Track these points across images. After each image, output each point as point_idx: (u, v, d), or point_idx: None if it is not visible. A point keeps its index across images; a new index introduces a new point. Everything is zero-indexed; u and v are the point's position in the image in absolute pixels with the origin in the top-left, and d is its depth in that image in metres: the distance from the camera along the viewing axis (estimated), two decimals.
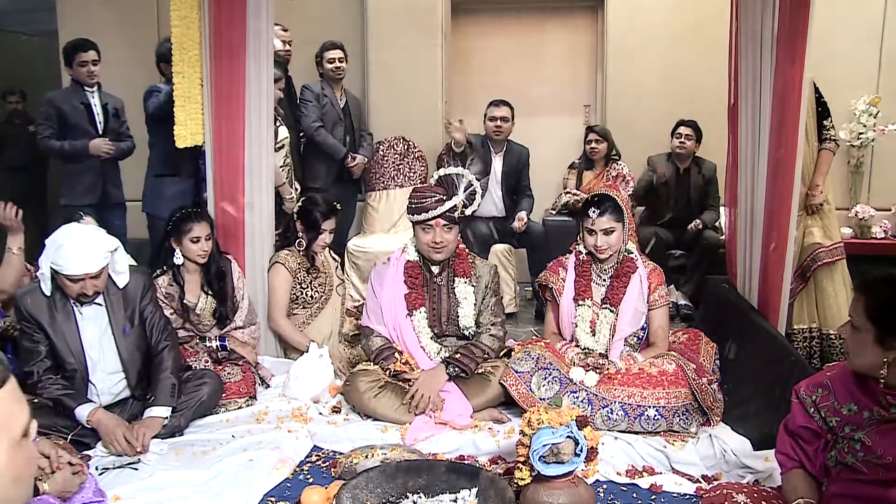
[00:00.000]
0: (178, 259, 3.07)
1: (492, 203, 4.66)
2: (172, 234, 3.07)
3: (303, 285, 3.40)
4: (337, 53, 4.65)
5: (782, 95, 2.99)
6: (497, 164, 4.63)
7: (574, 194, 4.75)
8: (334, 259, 3.67)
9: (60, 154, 4.22)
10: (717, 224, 4.62)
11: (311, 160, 4.65)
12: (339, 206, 3.56)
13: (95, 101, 4.22)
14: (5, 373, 1.00)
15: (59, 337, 2.54)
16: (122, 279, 2.65)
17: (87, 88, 4.19)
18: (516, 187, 4.69)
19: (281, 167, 3.97)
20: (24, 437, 1.00)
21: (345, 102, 4.78)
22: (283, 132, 4.05)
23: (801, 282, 3.63)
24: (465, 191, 2.89)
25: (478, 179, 2.92)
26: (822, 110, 3.65)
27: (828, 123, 3.66)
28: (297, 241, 3.43)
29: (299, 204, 3.52)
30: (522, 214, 4.57)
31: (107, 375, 2.62)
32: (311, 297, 3.42)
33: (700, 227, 4.49)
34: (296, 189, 4.24)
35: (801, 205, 3.44)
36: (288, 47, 4.50)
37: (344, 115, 4.75)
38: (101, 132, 4.22)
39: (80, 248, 2.44)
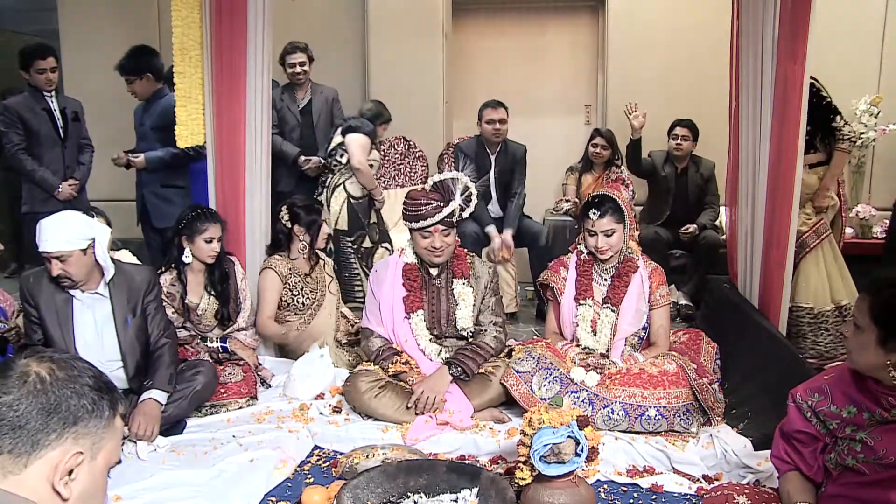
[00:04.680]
0: (188, 258, 3.06)
1: (490, 203, 4.63)
2: (184, 233, 3.06)
3: (294, 291, 3.35)
4: (298, 57, 4.46)
5: (783, 94, 2.98)
6: (493, 164, 4.57)
7: (573, 203, 4.74)
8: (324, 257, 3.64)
9: (29, 177, 4.10)
10: (716, 223, 4.62)
11: (274, 164, 4.49)
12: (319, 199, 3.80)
13: (55, 106, 4.16)
14: (126, 409, 1.09)
15: (50, 317, 2.57)
16: (108, 272, 2.62)
17: (45, 93, 4.12)
18: (510, 187, 4.58)
19: None
20: (106, 472, 1.10)
21: (306, 103, 4.60)
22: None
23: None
24: (461, 195, 2.85)
25: (473, 182, 2.90)
26: (821, 114, 3.50)
27: (839, 122, 3.52)
28: (300, 244, 3.38)
29: (286, 214, 3.43)
30: (508, 237, 4.38)
31: (104, 364, 2.59)
32: (303, 304, 3.37)
33: (695, 232, 4.48)
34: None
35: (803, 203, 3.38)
36: None
37: (302, 117, 4.58)
38: (62, 137, 4.17)
39: (51, 226, 2.48)
